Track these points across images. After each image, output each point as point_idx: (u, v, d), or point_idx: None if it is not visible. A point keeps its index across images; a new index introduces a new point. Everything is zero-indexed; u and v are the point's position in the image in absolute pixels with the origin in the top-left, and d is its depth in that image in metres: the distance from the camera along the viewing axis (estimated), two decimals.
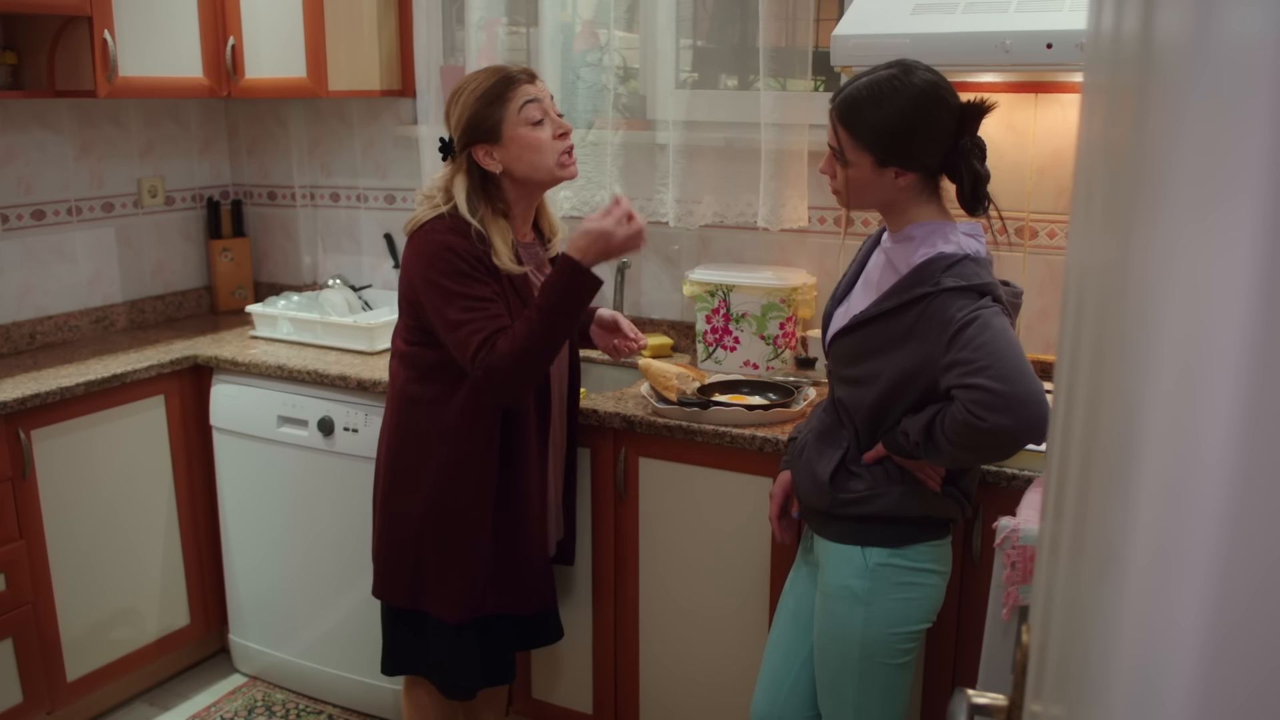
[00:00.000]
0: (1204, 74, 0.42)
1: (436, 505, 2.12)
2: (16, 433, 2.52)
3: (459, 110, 2.03)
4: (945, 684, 2.15)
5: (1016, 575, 1.68)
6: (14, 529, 2.53)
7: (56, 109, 3.05)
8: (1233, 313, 0.38)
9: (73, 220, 3.14)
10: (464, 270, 1.97)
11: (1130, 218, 0.55)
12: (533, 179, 2.06)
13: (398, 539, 2.17)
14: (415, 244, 2.05)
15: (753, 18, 2.67)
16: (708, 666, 2.42)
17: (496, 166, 2.03)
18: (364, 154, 3.37)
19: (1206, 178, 0.41)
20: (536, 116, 2.02)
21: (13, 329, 2.98)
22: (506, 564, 2.16)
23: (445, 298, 1.97)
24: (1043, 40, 1.97)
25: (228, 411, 2.89)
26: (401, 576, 2.17)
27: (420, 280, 2.01)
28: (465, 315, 1.97)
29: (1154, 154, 0.49)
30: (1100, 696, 0.51)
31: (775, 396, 2.41)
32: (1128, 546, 0.48)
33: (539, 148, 2.03)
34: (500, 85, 2.01)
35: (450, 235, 1.99)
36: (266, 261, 3.63)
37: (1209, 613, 0.40)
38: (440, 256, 1.98)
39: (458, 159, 2.06)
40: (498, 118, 2.00)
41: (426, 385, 2.10)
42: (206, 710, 2.92)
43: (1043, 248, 2.49)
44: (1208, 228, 0.41)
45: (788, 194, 2.65)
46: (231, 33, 3.06)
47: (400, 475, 2.15)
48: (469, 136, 2.02)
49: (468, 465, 2.10)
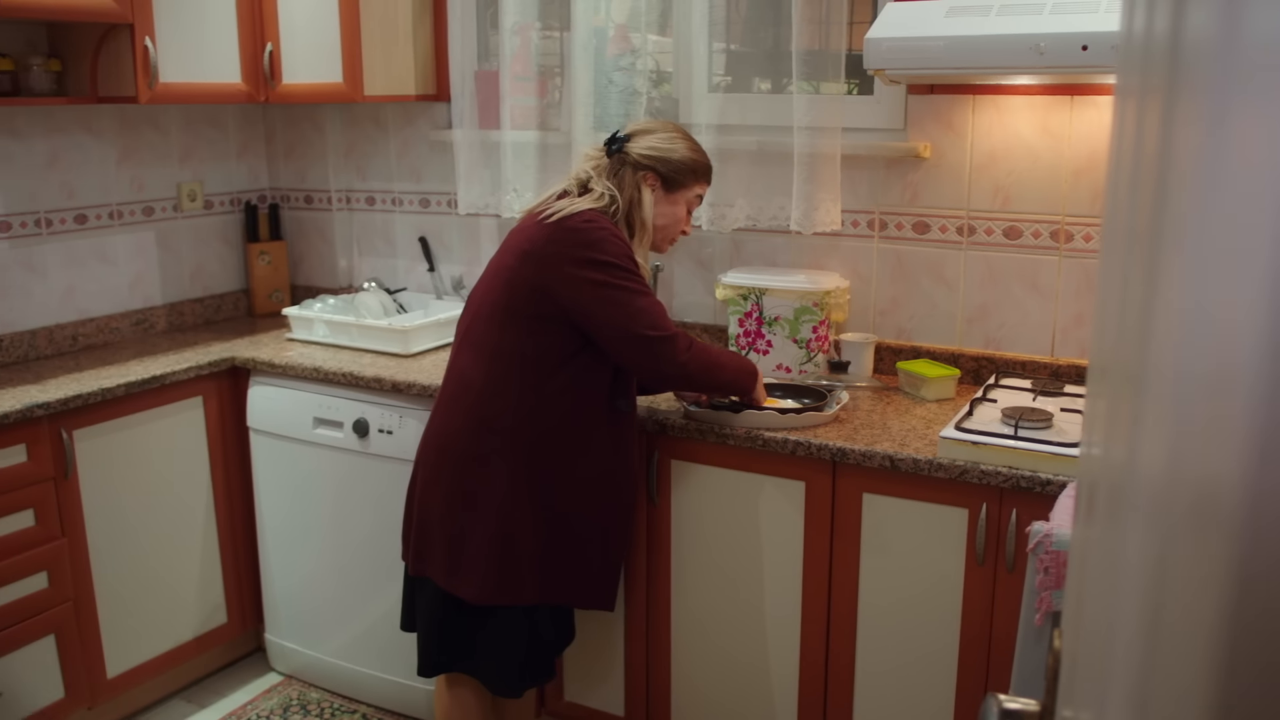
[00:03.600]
0: (1232, 73, 0.42)
1: (542, 497, 2.15)
2: (59, 433, 2.56)
3: (672, 147, 2.22)
4: (978, 690, 2.13)
5: (1050, 580, 1.67)
6: (56, 527, 2.58)
7: (99, 115, 3.11)
8: (1255, 332, 0.38)
9: (114, 224, 3.19)
10: (629, 255, 2.12)
11: (1159, 233, 0.54)
12: (646, 233, 2.25)
13: (495, 533, 2.15)
14: (572, 228, 2.09)
15: (786, 21, 2.67)
16: (739, 669, 2.41)
17: (650, 200, 2.21)
18: (399, 158, 3.40)
19: (1233, 182, 0.41)
20: (695, 207, 2.32)
21: (56, 331, 3.03)
22: (608, 560, 2.27)
23: (620, 274, 2.08)
24: (1078, 42, 1.95)
25: (264, 413, 2.93)
26: (493, 572, 2.15)
27: (579, 261, 2.07)
28: (643, 289, 2.11)
29: (1181, 155, 0.49)
30: (1120, 704, 0.51)
31: (808, 400, 2.40)
32: (1146, 569, 0.48)
33: (673, 226, 2.28)
34: (705, 169, 2.28)
35: (612, 226, 2.13)
36: (303, 265, 3.67)
37: (1228, 622, 0.40)
38: (608, 239, 2.09)
39: (630, 171, 2.19)
40: (685, 183, 2.25)
41: (520, 376, 2.12)
42: (243, 708, 2.95)
43: (1078, 251, 2.47)
44: (1231, 244, 0.41)
45: (820, 197, 2.64)
46: (269, 39, 3.10)
47: (493, 469, 2.14)
48: (660, 167, 2.20)
49: (570, 455, 2.16)
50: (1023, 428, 2.10)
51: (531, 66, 3.01)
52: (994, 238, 2.56)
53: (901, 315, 2.71)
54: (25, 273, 2.96)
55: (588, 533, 2.20)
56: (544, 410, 2.12)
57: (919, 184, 2.63)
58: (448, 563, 2.18)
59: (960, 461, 2.06)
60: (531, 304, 2.10)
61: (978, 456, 2.05)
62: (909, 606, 2.18)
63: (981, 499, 2.06)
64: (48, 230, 3.01)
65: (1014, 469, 2.01)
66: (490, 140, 3.10)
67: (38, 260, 2.99)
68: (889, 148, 2.62)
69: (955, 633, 2.14)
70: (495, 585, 2.15)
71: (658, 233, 2.25)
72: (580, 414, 2.15)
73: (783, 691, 2.37)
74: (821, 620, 2.28)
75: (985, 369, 2.60)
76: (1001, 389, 2.43)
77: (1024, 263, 2.54)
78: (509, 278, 2.13)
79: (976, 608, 2.10)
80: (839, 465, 2.20)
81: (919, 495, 2.13)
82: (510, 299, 2.12)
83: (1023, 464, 2.01)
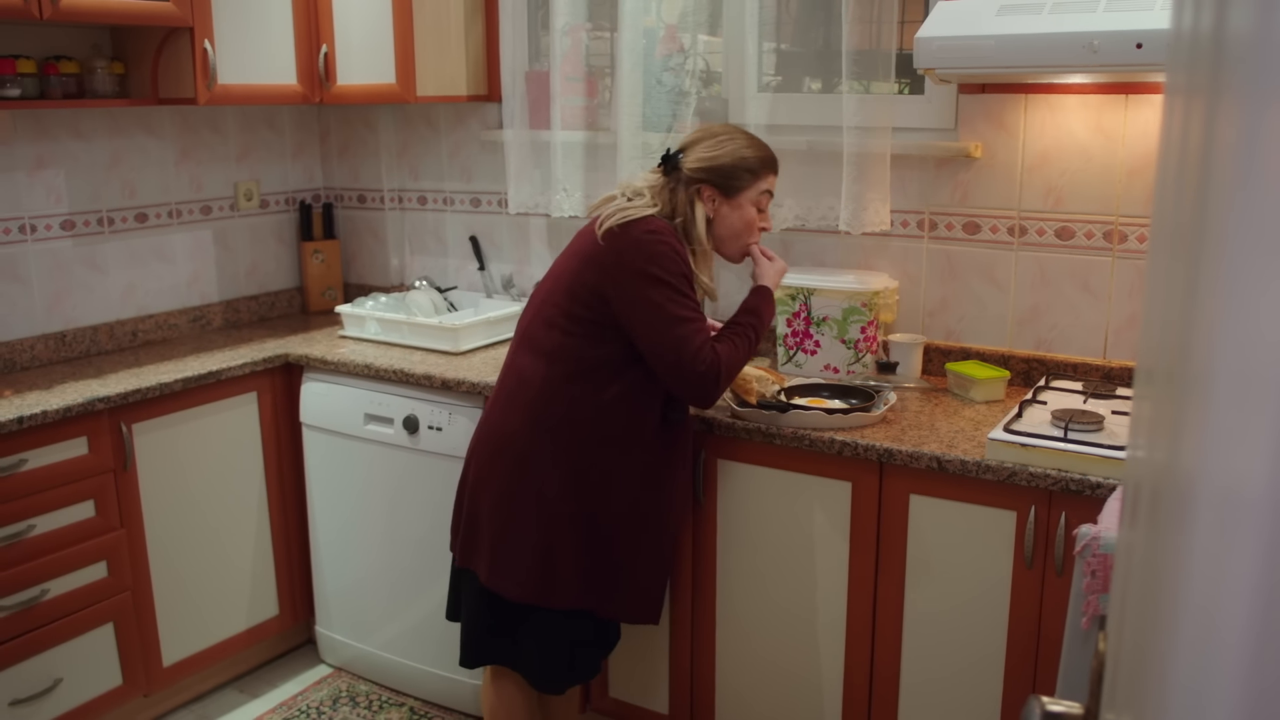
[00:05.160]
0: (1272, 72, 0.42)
1: (590, 502, 2.15)
2: (119, 426, 2.63)
3: (719, 152, 2.16)
4: (1025, 693, 2.11)
5: (1096, 584, 1.65)
6: (115, 518, 2.64)
7: (159, 116, 3.18)
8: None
9: (173, 223, 3.26)
10: (685, 274, 2.08)
11: (1202, 233, 0.54)
12: (722, 246, 2.23)
13: (539, 534, 2.15)
14: (637, 236, 2.07)
15: (836, 21, 2.66)
16: (784, 669, 2.41)
17: (710, 214, 2.16)
18: (450, 158, 3.43)
19: (1273, 183, 0.41)
20: (765, 205, 2.23)
21: (116, 327, 3.10)
22: (652, 573, 2.25)
23: (669, 293, 2.04)
24: (1132, 40, 1.92)
25: (317, 409, 2.98)
26: (534, 571, 2.15)
27: (635, 272, 2.05)
28: (690, 314, 2.06)
29: (1223, 155, 0.49)
30: (1158, 708, 0.51)
31: (855, 401, 2.39)
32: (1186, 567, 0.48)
33: (748, 231, 2.22)
34: (763, 164, 2.20)
35: (675, 240, 2.10)
36: (355, 263, 3.72)
37: (1257, 630, 0.39)
38: (668, 255, 2.06)
39: (685, 187, 2.15)
40: (744, 184, 2.17)
41: (578, 381, 2.12)
42: (293, 699, 3.00)
43: (1132, 252, 2.44)
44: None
45: (869, 197, 2.63)
46: (324, 41, 3.14)
47: (544, 472, 2.14)
48: (712, 176, 2.15)
49: (622, 464, 2.15)
50: (1073, 430, 2.07)
51: (581, 67, 3.03)
52: (1046, 238, 2.53)
53: (951, 316, 2.69)
54: (88, 270, 3.04)
55: (632, 543, 2.19)
56: (599, 417, 2.12)
57: (969, 184, 2.60)
58: (490, 559, 2.19)
59: (1009, 464, 2.04)
60: (591, 309, 2.09)
61: (1026, 459, 2.03)
62: (956, 609, 2.17)
63: (1030, 501, 2.04)
64: (109, 229, 3.08)
65: (1063, 471, 1.98)
66: (540, 140, 3.12)
67: (100, 258, 3.06)
68: (939, 147, 2.60)
69: (1003, 636, 2.12)
70: (535, 586, 2.16)
71: (728, 244, 2.22)
72: (634, 424, 2.13)
73: (828, 693, 2.36)
74: (867, 622, 2.27)
75: (1036, 371, 2.57)
76: (1052, 391, 2.40)
77: (1076, 264, 2.50)
78: (570, 282, 2.13)
79: (1024, 611, 2.08)
80: (886, 466, 2.19)
81: (967, 497, 2.11)
82: (571, 303, 2.12)
83: (1072, 466, 1.99)
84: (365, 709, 2.95)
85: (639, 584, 2.23)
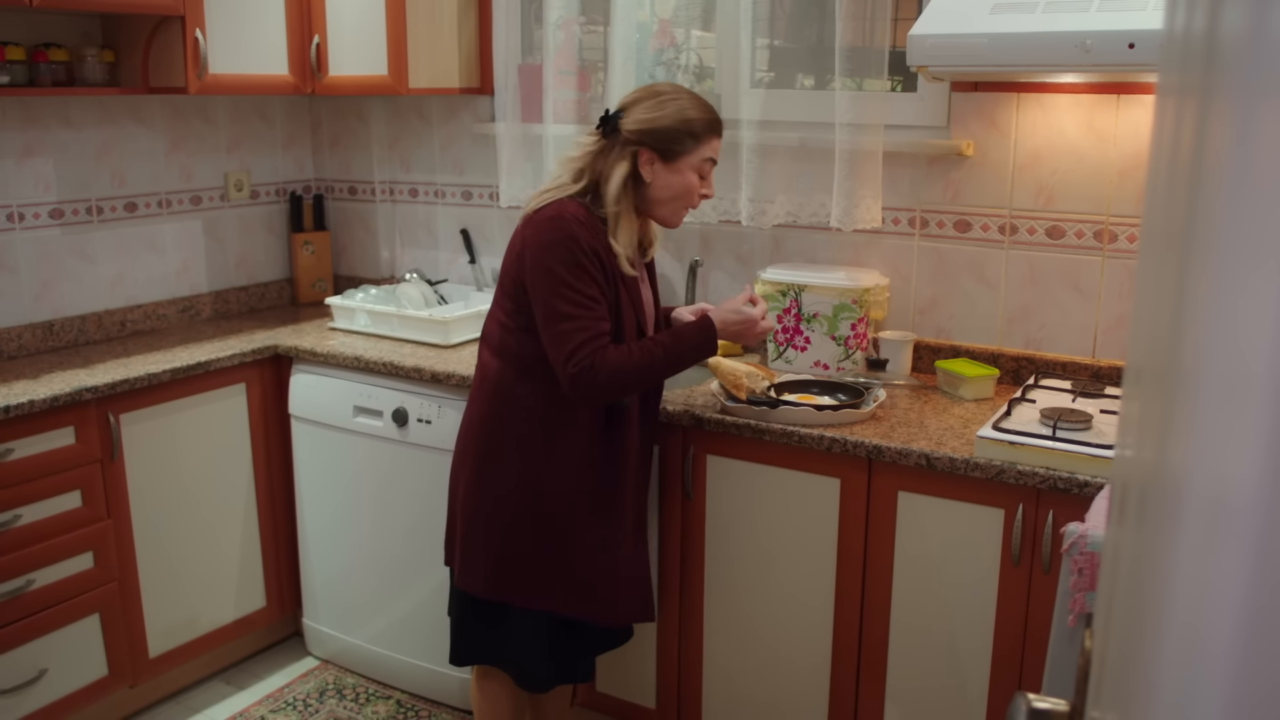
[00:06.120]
0: (1264, 73, 0.42)
1: (538, 500, 2.12)
2: (106, 416, 2.62)
3: (660, 114, 2.04)
4: (1011, 689, 2.12)
5: (1083, 582, 1.65)
6: (102, 509, 2.63)
7: (149, 105, 3.16)
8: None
9: (163, 212, 3.24)
10: (581, 264, 1.99)
11: (1191, 234, 0.54)
12: (656, 210, 2.12)
13: (493, 530, 2.15)
14: (538, 224, 2.03)
15: (830, 17, 2.66)
16: (771, 665, 2.42)
17: (648, 178, 2.06)
18: (442, 151, 3.42)
19: (1262, 185, 0.41)
20: (707, 172, 2.11)
21: (105, 316, 3.09)
22: (602, 573, 2.18)
23: (555, 286, 1.98)
24: (1124, 40, 1.93)
25: (306, 400, 2.97)
26: (492, 568, 2.16)
27: (533, 263, 2.01)
28: (573, 309, 1.98)
29: (1214, 156, 0.49)
30: (1143, 706, 0.51)
31: (845, 397, 2.40)
32: (1172, 566, 0.48)
33: (686, 196, 2.10)
34: (707, 126, 2.08)
35: (576, 226, 1.99)
36: (346, 255, 3.71)
37: (1244, 631, 0.40)
38: (562, 244, 1.98)
39: (620, 148, 2.05)
40: (685, 148, 2.06)
41: (525, 377, 2.09)
42: (280, 691, 3.00)
43: (1122, 252, 2.44)
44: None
45: (861, 194, 2.63)
46: (316, 31, 3.13)
47: (499, 467, 2.13)
48: (650, 140, 2.04)
49: (568, 461, 2.10)
50: (1061, 429, 2.08)
51: (574, 60, 3.02)
52: (1036, 237, 2.54)
53: (941, 314, 2.69)
54: (77, 260, 3.02)
55: (582, 543, 2.15)
56: (546, 415, 2.09)
57: (961, 182, 2.61)
58: (461, 556, 2.21)
59: (997, 461, 2.04)
60: (520, 303, 2.07)
61: (1015, 457, 2.04)
62: (943, 605, 2.17)
63: (1018, 499, 2.04)
64: (98, 218, 3.07)
65: (1051, 470, 1.99)
66: (532, 134, 3.11)
67: (88, 247, 3.05)
68: (931, 145, 2.60)
69: (989, 633, 2.13)
70: (498, 584, 2.15)
71: (662, 206, 2.09)
72: (579, 420, 2.10)
73: (815, 687, 2.37)
74: (855, 617, 2.28)
75: (1025, 369, 2.58)
76: (1041, 390, 2.41)
77: (1067, 263, 2.51)
78: (505, 278, 2.11)
79: (1011, 608, 2.09)
80: (875, 463, 2.19)
81: (955, 495, 2.12)
82: (505, 298, 2.11)
83: (1060, 465, 2.00)
84: (352, 701, 2.95)
85: (590, 584, 2.18)
